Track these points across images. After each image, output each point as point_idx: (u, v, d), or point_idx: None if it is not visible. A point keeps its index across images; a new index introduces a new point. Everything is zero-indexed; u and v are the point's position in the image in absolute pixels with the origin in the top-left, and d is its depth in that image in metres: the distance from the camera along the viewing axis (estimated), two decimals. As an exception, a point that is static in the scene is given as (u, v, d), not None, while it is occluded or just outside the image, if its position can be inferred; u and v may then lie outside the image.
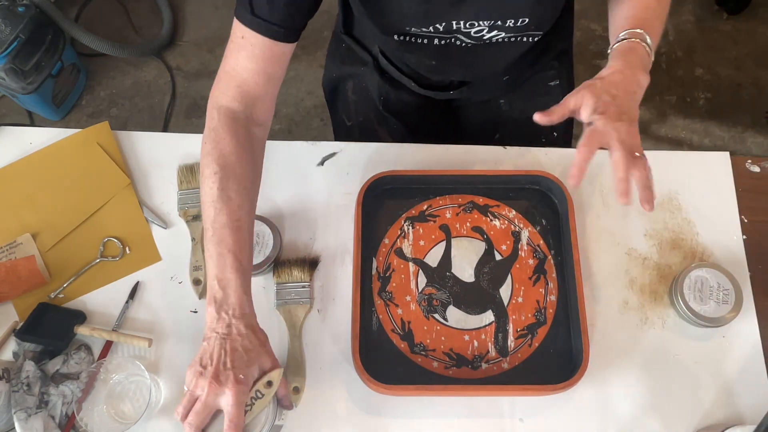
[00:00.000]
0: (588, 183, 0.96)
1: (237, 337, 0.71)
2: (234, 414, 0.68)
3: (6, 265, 0.87)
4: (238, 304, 0.72)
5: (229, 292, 0.72)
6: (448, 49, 0.91)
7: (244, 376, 0.69)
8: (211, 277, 0.73)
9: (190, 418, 0.68)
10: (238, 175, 0.77)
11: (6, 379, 0.79)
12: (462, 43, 0.90)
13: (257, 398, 0.71)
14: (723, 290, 0.84)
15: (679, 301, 0.84)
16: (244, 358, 0.70)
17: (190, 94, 2.06)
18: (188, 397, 0.69)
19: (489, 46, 0.91)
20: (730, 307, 0.83)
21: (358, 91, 1.13)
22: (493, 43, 0.89)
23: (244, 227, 0.76)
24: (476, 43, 0.89)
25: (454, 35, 0.88)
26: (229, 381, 0.68)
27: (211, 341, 0.71)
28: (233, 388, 0.68)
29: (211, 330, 0.71)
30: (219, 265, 0.73)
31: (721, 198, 0.95)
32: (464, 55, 0.93)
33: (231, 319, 0.71)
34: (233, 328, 0.71)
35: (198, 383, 0.69)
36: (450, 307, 0.87)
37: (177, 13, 2.19)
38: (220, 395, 0.68)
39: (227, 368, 0.69)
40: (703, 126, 1.97)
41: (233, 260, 0.73)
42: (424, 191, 0.94)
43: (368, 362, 0.80)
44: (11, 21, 1.71)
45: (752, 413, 0.81)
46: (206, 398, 0.68)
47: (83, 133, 1.00)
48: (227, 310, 0.72)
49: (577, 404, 0.82)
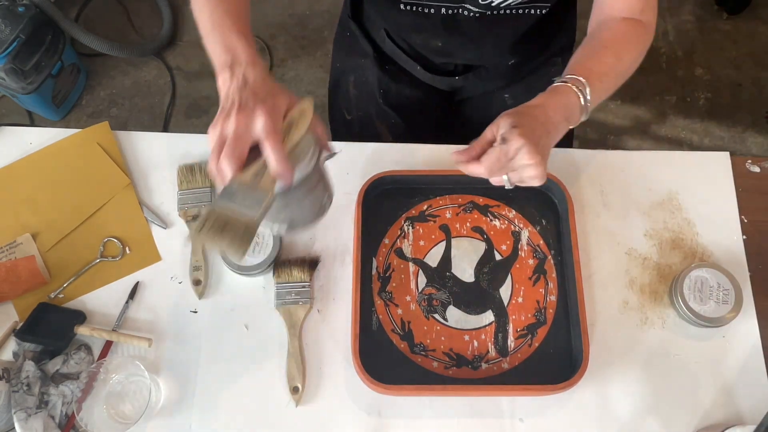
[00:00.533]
0: (588, 183, 0.96)
1: (255, 80, 0.65)
2: (272, 138, 0.60)
3: (6, 265, 0.87)
4: (249, 60, 0.67)
5: (238, 52, 0.67)
6: (454, 20, 0.91)
7: (272, 104, 0.63)
8: (217, 53, 0.69)
9: (225, 153, 0.60)
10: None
11: (6, 379, 0.79)
12: (469, 13, 0.90)
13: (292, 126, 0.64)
14: (723, 290, 0.84)
15: (679, 301, 0.84)
16: (266, 88, 0.64)
17: (190, 94, 2.06)
18: (217, 140, 0.62)
19: (496, 19, 0.91)
20: (730, 307, 0.83)
21: (359, 86, 1.13)
22: (500, 15, 0.89)
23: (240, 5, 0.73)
24: (483, 12, 0.89)
25: (461, 4, 0.88)
26: (257, 106, 0.62)
27: (230, 90, 0.65)
28: (263, 111, 0.61)
29: (227, 87, 0.65)
30: (220, 35, 0.69)
31: (721, 198, 0.95)
32: (471, 27, 0.93)
33: (245, 69, 0.66)
34: (249, 76, 0.65)
35: (224, 124, 0.62)
36: (450, 307, 0.87)
37: (177, 13, 2.18)
38: (251, 122, 0.61)
39: (252, 99, 0.63)
40: (703, 126, 1.97)
41: (232, 25, 0.69)
42: (424, 191, 0.94)
43: (368, 362, 0.80)
44: (11, 21, 1.71)
45: (752, 413, 0.81)
46: (236, 129, 0.60)
47: (83, 133, 1.00)
48: (239, 65, 0.66)
49: (577, 404, 0.82)
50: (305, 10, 2.22)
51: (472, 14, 0.90)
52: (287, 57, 2.13)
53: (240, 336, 0.86)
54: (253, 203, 0.61)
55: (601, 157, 0.98)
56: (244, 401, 0.83)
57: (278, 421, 0.82)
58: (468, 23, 0.92)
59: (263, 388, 0.83)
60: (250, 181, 0.62)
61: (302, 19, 2.20)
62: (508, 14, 0.90)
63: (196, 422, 0.82)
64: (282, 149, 0.61)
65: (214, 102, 2.04)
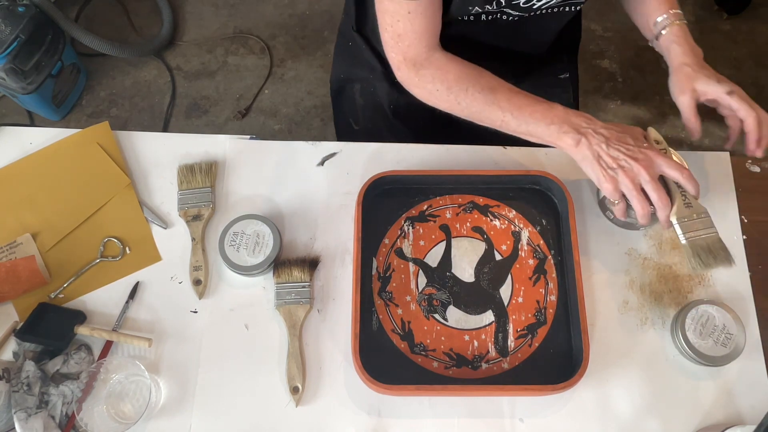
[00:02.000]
0: (588, 183, 0.96)
1: (609, 130, 0.80)
2: (678, 169, 0.78)
3: (6, 265, 0.87)
4: (575, 114, 0.81)
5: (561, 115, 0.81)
6: (493, 25, 0.91)
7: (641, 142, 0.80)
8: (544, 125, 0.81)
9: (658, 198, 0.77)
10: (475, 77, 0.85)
11: (6, 379, 0.79)
12: (509, 17, 0.89)
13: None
14: (726, 333, 0.82)
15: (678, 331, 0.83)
16: (622, 130, 0.80)
17: (190, 94, 2.06)
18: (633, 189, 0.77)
19: (531, 20, 0.91)
20: (727, 351, 0.81)
21: (366, 96, 1.11)
22: (537, 15, 0.90)
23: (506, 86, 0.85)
24: (522, 16, 0.90)
25: (503, 9, 0.88)
26: (643, 152, 0.78)
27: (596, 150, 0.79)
28: (653, 153, 0.78)
29: (593, 149, 0.79)
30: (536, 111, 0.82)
31: (721, 198, 0.95)
32: (507, 31, 0.93)
33: (591, 126, 0.79)
34: (601, 130, 0.79)
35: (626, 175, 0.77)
36: (450, 307, 0.87)
37: (177, 13, 2.19)
38: (651, 166, 0.77)
39: (630, 147, 0.78)
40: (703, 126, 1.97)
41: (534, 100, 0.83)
42: (424, 191, 0.94)
43: (368, 362, 0.80)
44: (11, 21, 1.72)
45: (752, 413, 0.81)
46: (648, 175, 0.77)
47: (83, 133, 1.00)
48: (581, 126, 0.80)
49: (577, 404, 0.82)
50: (305, 10, 2.22)
51: (512, 18, 0.90)
52: (287, 57, 2.13)
53: (240, 336, 0.86)
54: (706, 224, 0.81)
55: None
56: (244, 401, 0.83)
57: (278, 421, 0.82)
58: (504, 28, 0.92)
59: (263, 388, 0.83)
60: (687, 211, 0.81)
61: (302, 19, 2.20)
62: (545, 14, 0.90)
63: (196, 422, 0.82)
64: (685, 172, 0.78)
65: (214, 102, 2.04)
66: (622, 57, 2.10)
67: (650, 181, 0.77)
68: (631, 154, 0.78)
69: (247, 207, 0.94)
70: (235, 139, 0.99)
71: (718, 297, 0.88)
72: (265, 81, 2.08)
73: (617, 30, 2.14)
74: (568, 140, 0.80)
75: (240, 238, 0.88)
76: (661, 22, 0.89)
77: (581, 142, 0.79)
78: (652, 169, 0.78)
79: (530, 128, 0.82)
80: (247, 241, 0.88)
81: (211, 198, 0.94)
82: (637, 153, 0.78)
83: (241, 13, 2.21)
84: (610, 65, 2.09)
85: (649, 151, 0.79)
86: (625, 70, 2.08)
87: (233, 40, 2.15)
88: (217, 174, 0.96)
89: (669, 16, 0.89)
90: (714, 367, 0.82)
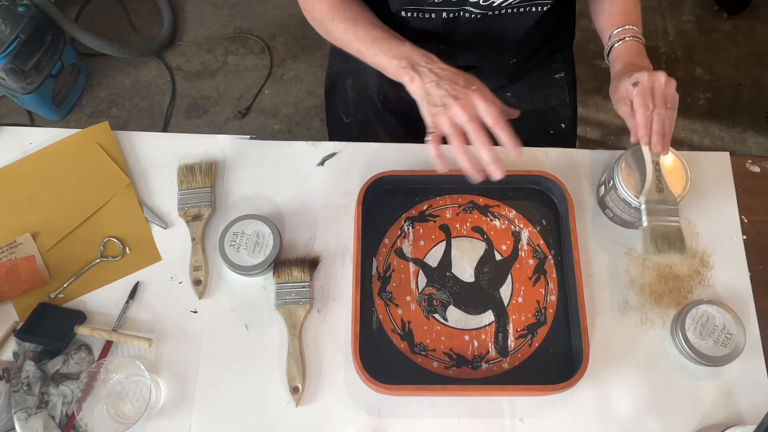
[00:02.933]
0: (588, 183, 0.96)
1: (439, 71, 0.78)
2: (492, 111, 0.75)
3: (6, 265, 0.87)
4: (424, 57, 0.79)
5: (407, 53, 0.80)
6: (456, 23, 0.92)
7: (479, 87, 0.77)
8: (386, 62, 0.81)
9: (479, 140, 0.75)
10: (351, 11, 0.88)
11: (6, 379, 0.79)
12: (471, 15, 0.90)
13: None
14: (726, 333, 0.82)
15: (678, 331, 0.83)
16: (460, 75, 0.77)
17: (190, 94, 2.06)
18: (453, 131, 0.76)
19: (497, 18, 0.91)
20: (727, 351, 0.81)
21: (357, 89, 1.13)
22: (501, 14, 0.90)
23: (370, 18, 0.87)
24: (485, 13, 0.90)
25: (463, 7, 0.89)
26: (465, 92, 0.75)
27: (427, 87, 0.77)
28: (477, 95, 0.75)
29: (420, 85, 0.78)
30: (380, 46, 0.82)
31: (721, 198, 0.95)
32: (472, 29, 0.94)
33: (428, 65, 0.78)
34: (437, 70, 0.78)
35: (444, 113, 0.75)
36: (450, 307, 0.87)
37: (177, 13, 2.19)
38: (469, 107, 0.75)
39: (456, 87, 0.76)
40: (703, 126, 1.97)
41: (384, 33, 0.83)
42: (424, 191, 0.94)
43: (368, 362, 0.80)
44: (11, 21, 1.71)
45: (752, 413, 0.81)
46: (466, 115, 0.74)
47: (83, 133, 1.00)
48: (419, 64, 0.79)
49: (577, 404, 0.82)
50: (305, 10, 2.22)
51: (473, 15, 0.90)
52: (287, 57, 2.13)
53: (240, 336, 0.86)
54: (672, 213, 0.81)
55: (602, 157, 0.98)
56: (244, 401, 0.83)
57: (278, 421, 0.82)
58: (469, 25, 0.92)
59: (263, 388, 0.83)
60: (658, 195, 0.81)
61: (302, 19, 2.17)
62: (509, 13, 0.91)
63: (196, 422, 0.82)
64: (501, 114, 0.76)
65: (214, 102, 2.04)
66: (622, 57, 2.10)
67: (469, 121, 0.75)
68: (454, 94, 0.76)
69: (247, 207, 0.94)
70: (235, 139, 0.99)
71: (718, 297, 0.88)
72: (265, 81, 2.08)
73: (617, 30, 2.14)
74: (405, 76, 0.80)
75: (240, 238, 0.88)
76: (613, 37, 0.89)
77: (414, 79, 0.79)
78: (472, 110, 0.75)
79: (378, 60, 0.84)
80: (247, 241, 0.88)
81: (211, 198, 0.94)
82: (459, 92, 0.76)
83: (241, 13, 2.21)
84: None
85: (473, 93, 0.76)
86: (625, 70, 2.08)
87: (233, 40, 2.15)
88: (217, 174, 0.96)
89: (621, 32, 0.88)
90: (714, 367, 0.82)
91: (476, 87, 0.77)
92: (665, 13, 2.16)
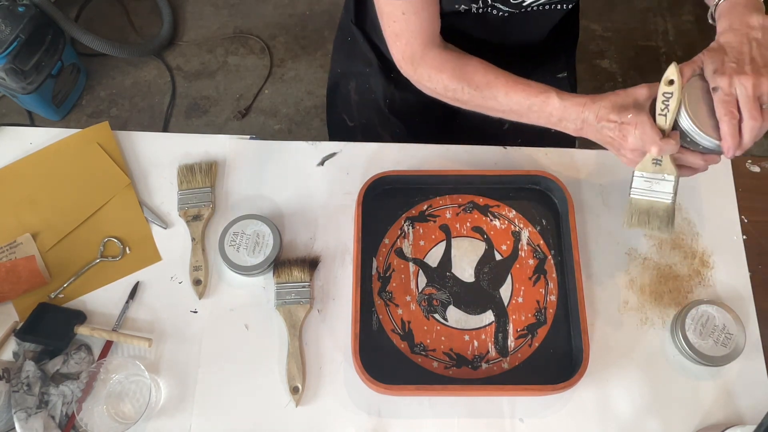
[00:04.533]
0: (588, 183, 0.96)
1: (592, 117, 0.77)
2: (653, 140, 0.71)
3: (6, 265, 0.87)
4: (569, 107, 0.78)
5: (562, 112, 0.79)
6: (483, 19, 0.91)
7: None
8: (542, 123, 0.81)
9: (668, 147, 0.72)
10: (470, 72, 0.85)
11: (6, 379, 0.79)
12: (499, 12, 0.90)
13: (667, 99, 0.71)
14: (726, 333, 0.82)
15: (678, 331, 0.83)
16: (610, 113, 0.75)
17: (190, 94, 2.06)
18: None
19: (522, 16, 0.91)
20: (727, 351, 0.81)
21: (361, 92, 1.12)
22: (528, 12, 0.90)
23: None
24: (513, 12, 0.90)
25: (493, 4, 0.88)
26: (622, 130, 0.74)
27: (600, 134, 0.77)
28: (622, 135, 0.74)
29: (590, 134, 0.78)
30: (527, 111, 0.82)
31: (721, 198, 0.95)
32: (498, 26, 0.93)
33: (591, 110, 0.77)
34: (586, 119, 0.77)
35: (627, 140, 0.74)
36: (450, 307, 0.87)
37: (177, 13, 2.19)
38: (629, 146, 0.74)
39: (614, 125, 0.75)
40: (703, 126, 1.97)
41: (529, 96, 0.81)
42: (424, 191, 0.94)
43: (368, 362, 0.80)
44: (11, 21, 1.71)
45: (752, 413, 0.81)
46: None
47: (83, 133, 1.00)
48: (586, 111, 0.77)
49: (577, 404, 0.82)
50: (305, 10, 2.22)
51: (501, 13, 0.90)
52: (287, 57, 2.13)
53: (240, 336, 0.86)
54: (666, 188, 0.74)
55: (601, 157, 0.98)
56: (244, 401, 0.83)
57: (278, 421, 0.82)
58: (495, 22, 0.92)
59: (263, 388, 0.83)
60: (652, 168, 0.74)
61: (302, 19, 2.20)
62: (535, 11, 0.90)
63: (196, 422, 0.82)
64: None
65: (214, 102, 2.04)
66: (622, 57, 2.10)
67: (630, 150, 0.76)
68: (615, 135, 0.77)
69: (247, 207, 0.94)
70: (235, 139, 0.99)
71: (718, 297, 0.88)
72: (265, 81, 2.08)
73: (617, 30, 2.14)
74: (569, 130, 0.81)
75: (240, 238, 0.88)
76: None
77: (582, 130, 0.80)
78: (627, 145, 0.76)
79: (530, 123, 0.84)
80: (247, 241, 0.88)
81: (211, 198, 0.94)
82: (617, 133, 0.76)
83: (241, 13, 2.21)
84: (610, 65, 2.09)
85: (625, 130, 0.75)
86: (625, 70, 2.08)
87: (233, 40, 2.15)
88: (217, 174, 0.96)
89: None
90: (714, 367, 0.82)
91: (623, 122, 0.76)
92: (665, 13, 2.16)
